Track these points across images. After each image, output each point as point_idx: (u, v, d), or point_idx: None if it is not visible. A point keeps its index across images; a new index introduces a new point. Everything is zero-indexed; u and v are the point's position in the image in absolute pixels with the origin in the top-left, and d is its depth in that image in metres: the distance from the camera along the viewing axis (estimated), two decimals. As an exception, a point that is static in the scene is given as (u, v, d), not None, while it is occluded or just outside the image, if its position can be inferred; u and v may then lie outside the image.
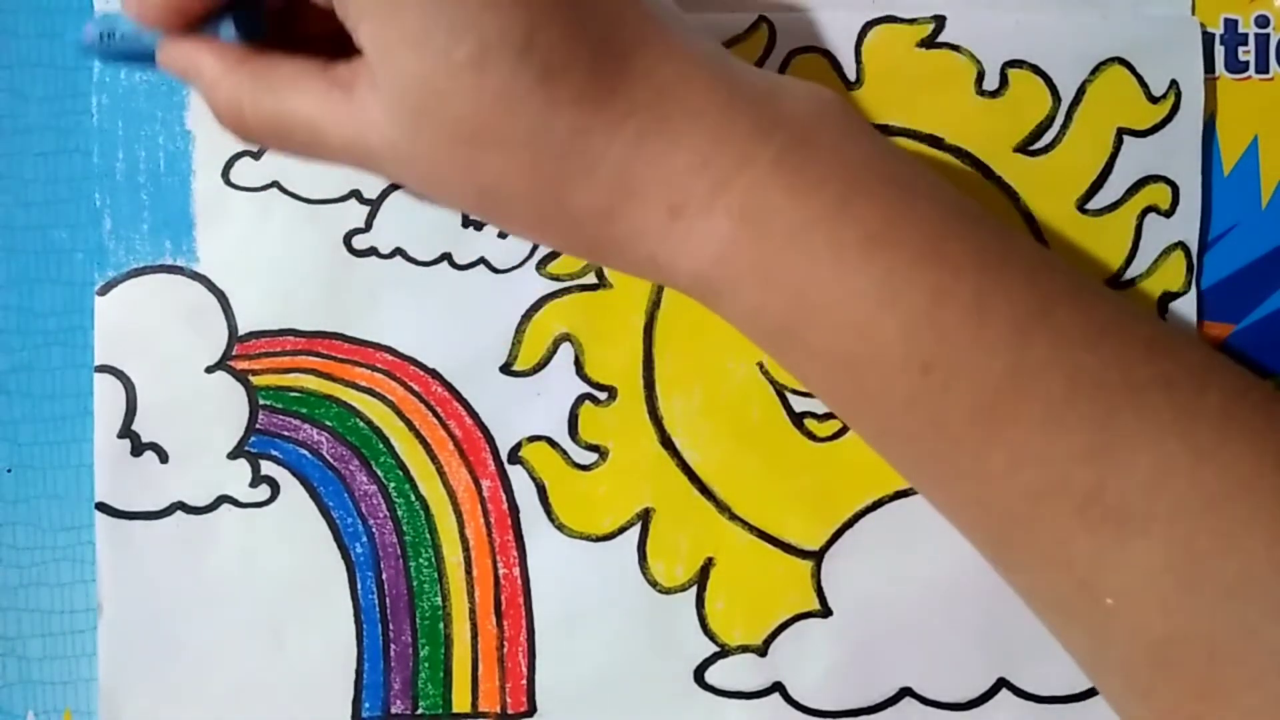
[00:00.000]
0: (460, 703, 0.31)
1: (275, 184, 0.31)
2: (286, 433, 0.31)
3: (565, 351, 0.31)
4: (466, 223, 0.31)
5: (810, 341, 0.24)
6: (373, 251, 0.31)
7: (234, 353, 0.31)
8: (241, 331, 0.31)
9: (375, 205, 0.31)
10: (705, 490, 0.31)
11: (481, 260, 0.31)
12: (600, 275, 0.31)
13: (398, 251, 0.31)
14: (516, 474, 0.31)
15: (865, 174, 0.24)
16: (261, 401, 0.31)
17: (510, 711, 0.31)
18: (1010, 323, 0.23)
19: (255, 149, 0.31)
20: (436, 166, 0.24)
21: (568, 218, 0.24)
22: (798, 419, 0.31)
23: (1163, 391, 0.23)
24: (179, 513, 0.31)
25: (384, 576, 0.31)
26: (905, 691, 0.30)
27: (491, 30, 0.22)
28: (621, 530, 0.31)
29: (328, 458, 0.31)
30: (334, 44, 0.26)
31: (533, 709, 0.31)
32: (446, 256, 0.31)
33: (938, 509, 0.26)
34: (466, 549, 0.31)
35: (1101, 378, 0.23)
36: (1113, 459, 0.22)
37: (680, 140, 0.23)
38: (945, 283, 0.23)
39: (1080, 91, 0.30)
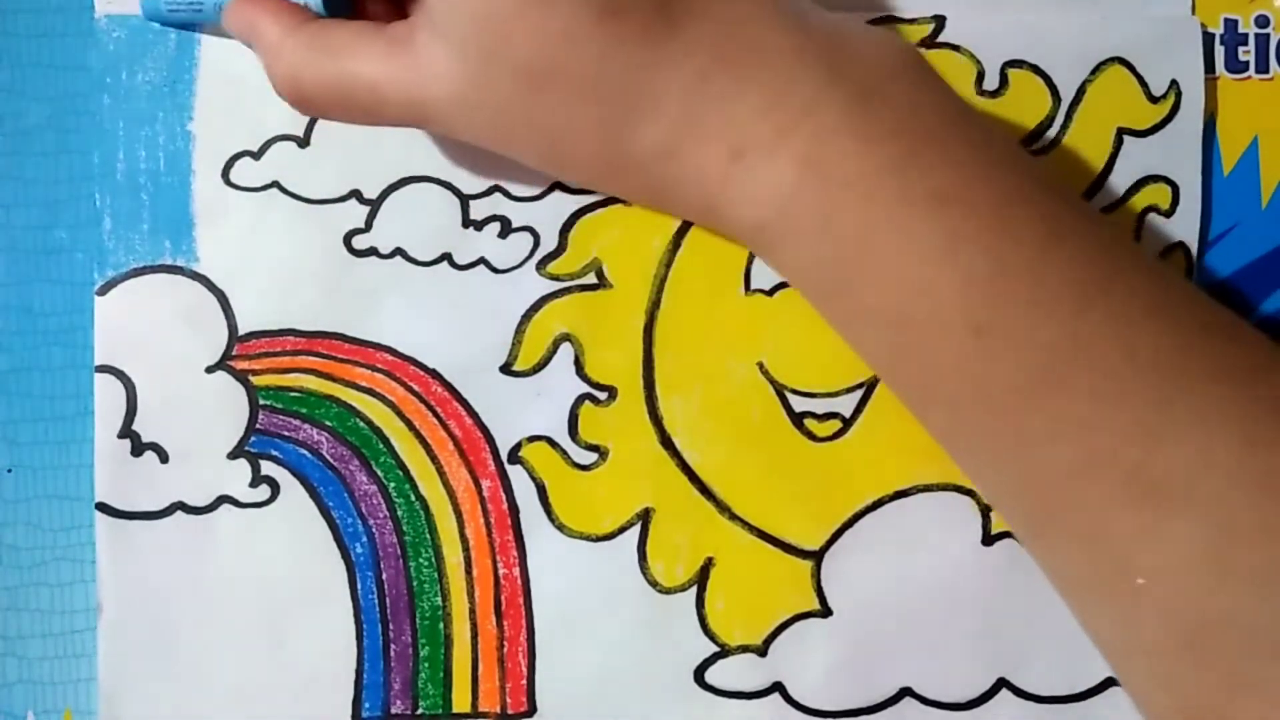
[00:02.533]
0: (460, 703, 0.31)
1: (275, 184, 0.31)
2: (286, 433, 0.31)
3: (565, 351, 0.31)
4: (466, 223, 0.31)
5: (864, 296, 0.23)
6: (373, 251, 0.31)
7: (234, 353, 0.31)
8: (241, 331, 0.31)
9: (375, 205, 0.31)
10: (705, 490, 0.31)
11: (481, 260, 0.31)
12: (600, 275, 0.31)
13: (398, 251, 0.31)
14: (516, 474, 0.31)
15: (937, 129, 0.23)
16: (261, 401, 0.31)
17: (510, 711, 0.31)
18: (1069, 293, 0.22)
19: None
20: (502, 113, 0.23)
21: (630, 159, 0.24)
22: (798, 419, 0.31)
23: (1217, 377, 0.22)
24: (179, 513, 0.31)
25: (384, 576, 0.31)
26: (905, 691, 0.30)
27: None
28: (621, 530, 0.31)
29: (328, 458, 0.31)
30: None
31: (533, 709, 0.31)
32: (446, 256, 0.31)
33: (972, 478, 0.25)
34: (466, 549, 0.31)
35: (1155, 358, 0.22)
36: (1160, 438, 0.22)
37: (745, 82, 0.23)
38: (1008, 247, 0.22)
39: (1080, 91, 0.30)
